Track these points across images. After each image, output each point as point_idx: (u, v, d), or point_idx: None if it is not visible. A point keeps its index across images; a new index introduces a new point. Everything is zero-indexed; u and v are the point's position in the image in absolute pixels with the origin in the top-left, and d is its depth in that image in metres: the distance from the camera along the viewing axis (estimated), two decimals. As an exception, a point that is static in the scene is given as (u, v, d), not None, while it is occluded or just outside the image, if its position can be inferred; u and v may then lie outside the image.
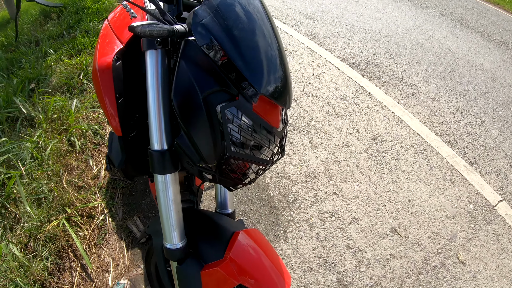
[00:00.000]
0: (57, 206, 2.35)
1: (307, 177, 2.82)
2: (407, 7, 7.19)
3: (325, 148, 3.08)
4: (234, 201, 1.54)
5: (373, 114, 3.55)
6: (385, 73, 4.35)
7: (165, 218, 1.09)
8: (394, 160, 3.04)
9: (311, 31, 5.46)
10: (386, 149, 3.13)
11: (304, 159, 2.97)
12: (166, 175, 1.04)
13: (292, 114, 3.46)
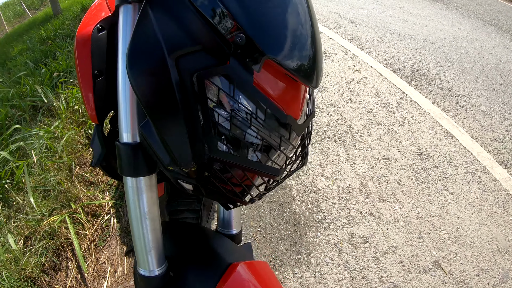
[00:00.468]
0: (62, 200, 2.25)
1: (340, 193, 2.43)
2: (454, 15, 6.79)
3: (363, 160, 2.68)
4: (240, 218, 1.12)
5: (418, 126, 3.11)
6: (432, 82, 3.89)
7: (137, 237, 0.77)
8: (442, 179, 2.59)
9: (353, 35, 5.11)
10: (433, 166, 2.69)
11: (339, 172, 2.57)
12: (138, 179, 0.72)
13: (327, 120, 3.07)
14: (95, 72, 0.86)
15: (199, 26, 0.57)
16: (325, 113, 3.18)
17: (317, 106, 3.28)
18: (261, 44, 0.56)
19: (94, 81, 0.86)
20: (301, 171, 2.53)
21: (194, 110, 0.59)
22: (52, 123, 2.86)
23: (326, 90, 3.54)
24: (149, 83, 0.59)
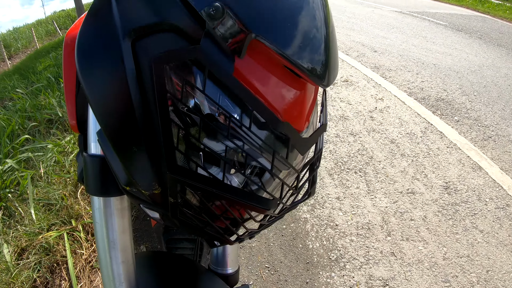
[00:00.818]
0: (64, 216, 2.17)
1: (359, 229, 2.22)
2: (477, 44, 6.61)
3: (385, 194, 2.47)
4: (237, 255, 0.93)
5: (445, 157, 2.90)
6: (458, 111, 3.68)
7: (105, 268, 0.62)
8: (471, 216, 2.36)
9: (375, 64, 4.97)
10: (461, 202, 2.46)
11: (358, 206, 2.37)
12: (107, 199, 0.57)
13: (348, 150, 2.89)
14: None
15: None
16: (345, 142, 3.01)
17: (337, 135, 3.12)
18: (243, 16, 0.39)
19: (78, 87, 0.73)
20: (317, 204, 2.34)
21: (153, 112, 0.41)
22: (65, 137, 2.86)
23: (347, 119, 3.38)
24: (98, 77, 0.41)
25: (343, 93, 3.97)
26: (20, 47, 17.84)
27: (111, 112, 0.41)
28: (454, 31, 7.81)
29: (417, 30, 7.58)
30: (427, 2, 13.88)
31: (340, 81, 4.34)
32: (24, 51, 17.02)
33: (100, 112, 0.41)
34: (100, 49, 0.41)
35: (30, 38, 18.35)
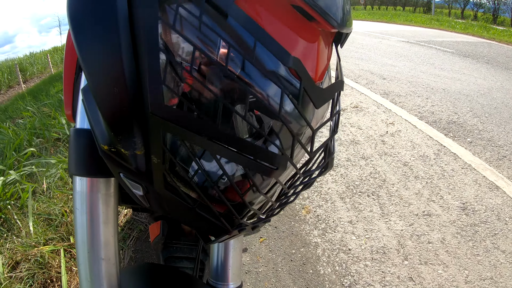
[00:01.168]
0: (62, 232, 2.11)
1: (374, 254, 2.10)
2: (485, 68, 6.58)
3: (400, 217, 2.36)
4: (240, 268, 0.82)
5: (460, 178, 2.79)
6: (471, 133, 3.59)
7: (83, 264, 0.53)
8: (491, 236, 2.24)
9: (385, 90, 4.95)
10: (480, 222, 2.34)
11: (372, 230, 2.26)
12: (91, 180, 0.50)
13: (359, 174, 2.81)
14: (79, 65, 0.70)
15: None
16: (357, 166, 2.93)
17: (348, 159, 3.05)
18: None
19: (77, 75, 0.69)
20: (328, 228, 2.23)
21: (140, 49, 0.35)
22: None
23: (358, 143, 3.31)
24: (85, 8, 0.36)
25: (353, 119, 3.93)
26: (35, 72, 18.25)
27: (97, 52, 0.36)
28: (461, 57, 7.79)
29: (424, 57, 7.58)
30: (433, 32, 13.99)
31: (350, 107, 4.30)
32: (39, 76, 17.43)
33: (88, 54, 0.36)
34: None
35: (45, 63, 18.78)
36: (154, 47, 0.33)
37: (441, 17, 21.49)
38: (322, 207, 2.41)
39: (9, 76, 16.56)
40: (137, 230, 2.19)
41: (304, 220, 2.29)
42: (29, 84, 15.01)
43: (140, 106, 0.35)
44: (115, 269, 0.55)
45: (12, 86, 16.30)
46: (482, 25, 16.06)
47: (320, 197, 2.51)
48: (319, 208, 2.40)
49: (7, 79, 16.36)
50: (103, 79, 0.35)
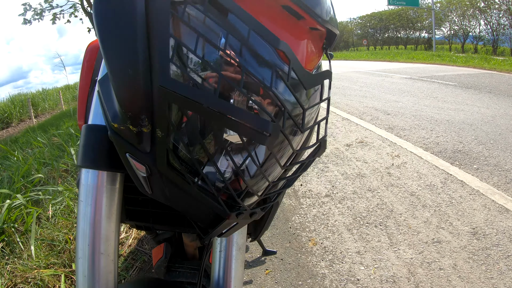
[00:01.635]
0: (64, 258, 2.12)
1: (383, 283, 2.05)
2: (487, 97, 6.62)
3: (409, 246, 2.32)
4: (242, 281, 0.81)
5: (469, 204, 2.77)
6: (477, 160, 3.58)
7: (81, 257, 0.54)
8: (504, 258, 2.19)
9: (389, 125, 5.00)
10: (492, 245, 2.30)
11: (381, 259, 2.21)
12: (97, 172, 0.54)
13: (366, 206, 2.80)
14: (95, 78, 0.77)
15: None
16: (363, 198, 2.92)
17: (354, 192, 3.05)
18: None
19: (91, 88, 0.76)
20: (335, 259, 2.20)
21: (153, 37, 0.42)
22: None
23: (364, 176, 3.32)
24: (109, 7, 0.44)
25: (358, 153, 3.96)
26: (47, 107, 18.31)
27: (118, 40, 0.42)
28: (463, 89, 7.85)
29: (427, 92, 7.66)
30: (435, 67, 14.16)
31: (355, 142, 4.34)
32: (51, 112, 17.50)
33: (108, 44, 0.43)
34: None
35: (57, 100, 18.89)
36: (165, 32, 0.40)
37: (442, 53, 21.78)
38: (329, 239, 2.39)
39: (21, 109, 16.78)
40: (141, 261, 2.20)
41: (310, 251, 2.27)
42: (40, 119, 15.24)
43: (149, 85, 0.41)
44: (114, 265, 0.56)
45: (23, 119, 16.49)
46: (482, 57, 16.23)
47: (326, 229, 2.50)
48: (326, 240, 2.38)
49: (18, 113, 16.55)
50: (121, 62, 0.42)
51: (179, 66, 0.42)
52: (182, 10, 0.42)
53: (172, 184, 0.48)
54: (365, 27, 40.00)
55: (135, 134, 0.44)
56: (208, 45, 0.42)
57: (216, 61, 0.43)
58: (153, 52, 0.41)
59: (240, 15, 0.41)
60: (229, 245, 0.76)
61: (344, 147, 4.24)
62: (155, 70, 0.41)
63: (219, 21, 0.42)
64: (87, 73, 0.78)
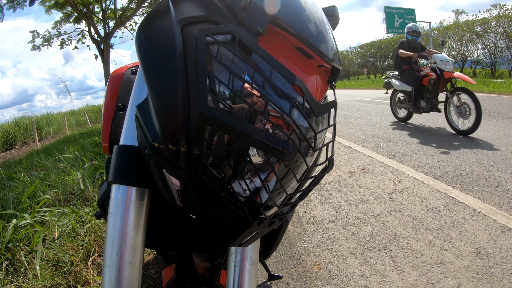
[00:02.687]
0: (70, 280, 2.15)
1: (392, 304, 2.11)
2: (487, 120, 6.74)
3: (413, 268, 2.38)
4: None
5: (471, 225, 2.83)
6: (478, 182, 3.66)
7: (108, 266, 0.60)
8: (508, 275, 2.24)
9: (391, 151, 5.10)
10: (495, 264, 2.35)
11: (385, 282, 2.27)
12: (127, 188, 0.61)
13: (370, 230, 2.87)
14: (119, 105, 0.89)
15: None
16: (366, 223, 2.99)
17: (358, 217, 3.12)
18: (263, 4, 0.54)
19: (116, 113, 0.88)
20: (340, 283, 2.25)
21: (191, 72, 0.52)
22: (84, 209, 3.00)
23: (367, 202, 3.40)
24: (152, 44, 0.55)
25: (361, 180, 4.04)
26: (51, 131, 18.45)
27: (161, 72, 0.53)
28: (464, 113, 7.99)
29: (428, 118, 7.79)
30: (434, 93, 14.32)
31: (357, 170, 4.43)
32: (54, 136, 17.50)
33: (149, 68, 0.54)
34: (159, 31, 0.55)
35: (61, 125, 19.13)
36: (203, 67, 0.50)
37: (441, 78, 21.98)
38: (333, 263, 2.45)
39: (25, 132, 16.97)
40: (147, 284, 2.24)
41: (316, 276, 2.33)
42: (44, 143, 15.27)
43: (186, 111, 0.51)
44: (139, 274, 0.62)
45: (27, 142, 16.63)
46: (481, 81, 16.39)
47: (331, 254, 2.56)
48: (331, 264, 2.44)
49: (22, 135, 16.72)
50: (163, 91, 0.52)
51: (215, 96, 0.51)
52: (215, 50, 0.53)
53: (202, 197, 0.56)
54: (365, 56, 40.52)
55: (173, 152, 0.53)
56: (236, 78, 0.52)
57: (245, 93, 0.53)
58: (190, 83, 0.51)
59: (263, 56, 0.52)
60: (243, 260, 0.81)
61: (347, 174, 4.34)
62: (192, 99, 0.51)
63: (245, 59, 0.53)
64: (110, 99, 0.91)
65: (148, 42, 0.56)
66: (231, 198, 0.56)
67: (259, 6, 0.54)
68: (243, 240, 0.63)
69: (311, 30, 0.58)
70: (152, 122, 0.54)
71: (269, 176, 0.58)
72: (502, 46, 22.17)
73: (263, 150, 0.52)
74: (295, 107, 0.54)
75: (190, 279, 1.19)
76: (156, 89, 0.53)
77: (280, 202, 0.60)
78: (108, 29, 16.48)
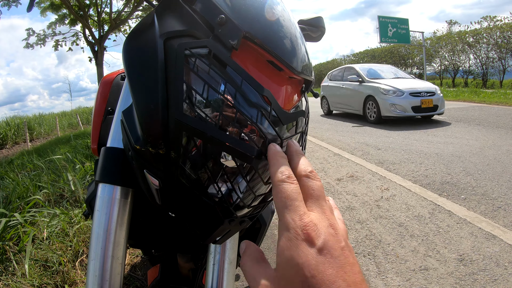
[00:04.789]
0: (57, 279, 2.19)
1: (375, 311, 2.14)
2: (476, 130, 6.84)
3: (397, 273, 2.42)
4: None
5: (456, 233, 2.88)
6: (465, 190, 3.72)
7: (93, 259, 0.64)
8: (491, 282, 2.29)
9: (379, 159, 5.16)
10: (478, 270, 2.41)
11: (369, 287, 2.33)
12: (112, 187, 0.66)
13: (355, 237, 2.91)
14: (108, 109, 0.93)
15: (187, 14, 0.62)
16: (352, 230, 3.03)
17: (345, 223, 3.15)
18: (238, 21, 0.59)
19: (105, 117, 0.92)
20: None
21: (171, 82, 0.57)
22: (74, 210, 3.02)
23: (353, 209, 3.44)
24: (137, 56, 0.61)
25: (349, 187, 4.09)
26: (42, 132, 18.38)
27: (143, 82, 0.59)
28: (453, 122, 8.10)
29: (417, 126, 7.90)
30: (426, 102, 14.52)
31: (345, 177, 4.48)
32: (45, 137, 17.41)
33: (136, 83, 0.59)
34: (144, 43, 0.61)
35: (53, 126, 19.09)
36: (180, 78, 0.56)
37: (433, 88, 22.29)
38: (318, 269, 2.48)
39: (16, 132, 16.89)
40: (133, 286, 2.26)
41: (300, 281, 2.36)
42: (35, 143, 15.13)
43: (166, 117, 0.56)
44: (121, 268, 0.67)
45: (18, 142, 16.54)
46: (472, 91, 16.67)
47: (316, 260, 2.60)
48: (316, 270, 2.47)
49: (14, 135, 16.65)
50: (145, 98, 0.58)
51: (189, 105, 0.57)
52: (193, 62, 0.58)
53: (179, 196, 0.62)
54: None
55: (153, 154, 0.58)
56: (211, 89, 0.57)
57: (217, 102, 0.58)
58: (170, 93, 0.57)
59: (235, 68, 0.57)
60: (222, 259, 0.88)
61: (335, 181, 4.38)
62: (171, 106, 0.56)
63: (219, 72, 0.57)
64: (101, 103, 0.96)
65: (133, 54, 0.62)
66: (205, 198, 0.61)
67: (234, 23, 0.59)
68: (217, 238, 0.68)
69: (281, 44, 0.63)
70: (135, 126, 0.60)
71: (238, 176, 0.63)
72: (493, 57, 22.56)
73: (231, 154, 0.57)
74: (263, 116, 0.58)
75: (174, 279, 1.23)
76: (139, 97, 0.58)
77: (250, 202, 0.65)
78: (102, 32, 16.53)
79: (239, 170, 0.60)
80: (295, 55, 0.64)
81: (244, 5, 0.63)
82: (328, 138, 7.31)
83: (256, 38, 0.60)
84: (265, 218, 1.13)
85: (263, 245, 2.83)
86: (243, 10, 0.62)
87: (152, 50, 0.59)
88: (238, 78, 0.57)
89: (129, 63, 0.61)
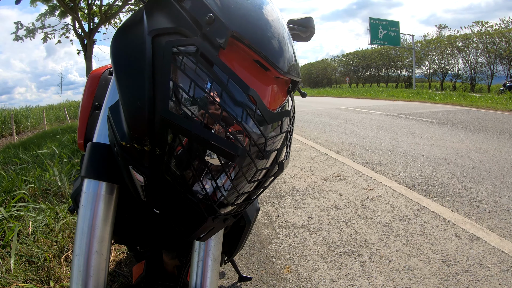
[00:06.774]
0: (43, 275, 2.19)
1: (359, 310, 2.15)
2: (463, 133, 6.96)
3: (381, 273, 2.44)
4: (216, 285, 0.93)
5: (440, 234, 2.92)
6: (450, 192, 3.78)
7: (77, 255, 0.64)
8: (474, 283, 2.32)
9: (366, 160, 5.21)
10: (462, 271, 2.44)
11: (353, 286, 2.31)
12: (97, 182, 0.65)
13: (340, 236, 2.93)
14: (95, 104, 0.94)
15: (177, 12, 0.62)
16: (338, 229, 3.05)
17: (329, 223, 3.18)
18: (226, 20, 0.59)
19: (92, 112, 0.91)
20: (309, 285, 2.29)
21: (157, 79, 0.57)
22: (60, 205, 3.03)
23: (339, 209, 3.46)
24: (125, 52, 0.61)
25: (335, 187, 4.12)
26: (29, 126, 18.37)
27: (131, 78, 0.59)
28: (440, 125, 8.21)
29: (405, 128, 7.98)
30: (414, 104, 14.69)
31: (332, 176, 4.51)
32: (32, 130, 17.37)
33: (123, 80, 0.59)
34: (132, 40, 0.61)
35: (40, 119, 19.06)
36: (167, 76, 0.56)
37: (421, 90, 22.59)
38: (303, 267, 2.49)
39: (3, 125, 16.83)
40: (118, 282, 2.25)
41: (285, 278, 2.36)
42: (21, 137, 15.03)
43: (152, 114, 0.57)
44: (106, 264, 0.67)
45: (4, 135, 16.44)
46: (460, 94, 16.94)
47: (301, 258, 2.61)
48: (300, 268, 2.48)
49: (0, 128, 16.54)
50: (131, 95, 0.58)
51: (175, 102, 0.57)
52: (180, 60, 0.58)
53: (163, 193, 0.62)
54: (348, 65, 41.26)
55: (138, 151, 0.59)
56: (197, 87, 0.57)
57: (203, 100, 0.58)
58: (156, 90, 0.57)
59: (222, 67, 0.58)
60: (206, 256, 0.88)
61: (322, 180, 4.41)
62: (157, 104, 0.56)
63: (206, 70, 0.58)
64: (88, 98, 0.95)
65: (121, 50, 0.62)
66: (190, 195, 0.61)
67: (222, 22, 0.59)
68: (201, 235, 0.69)
69: (268, 45, 0.63)
70: (121, 122, 0.60)
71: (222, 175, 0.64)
72: (482, 62, 22.90)
73: (216, 152, 0.58)
74: (248, 115, 0.59)
75: (159, 276, 1.23)
76: (125, 94, 0.59)
77: (234, 200, 0.66)
78: (92, 25, 16.32)
79: (223, 168, 0.61)
80: (282, 55, 0.65)
81: (233, 4, 0.63)
82: (315, 137, 7.34)
83: (244, 38, 0.60)
84: (249, 216, 1.14)
85: (248, 243, 2.84)
86: (232, 9, 0.62)
87: (140, 47, 0.60)
88: (225, 77, 0.58)
89: (117, 60, 0.61)
